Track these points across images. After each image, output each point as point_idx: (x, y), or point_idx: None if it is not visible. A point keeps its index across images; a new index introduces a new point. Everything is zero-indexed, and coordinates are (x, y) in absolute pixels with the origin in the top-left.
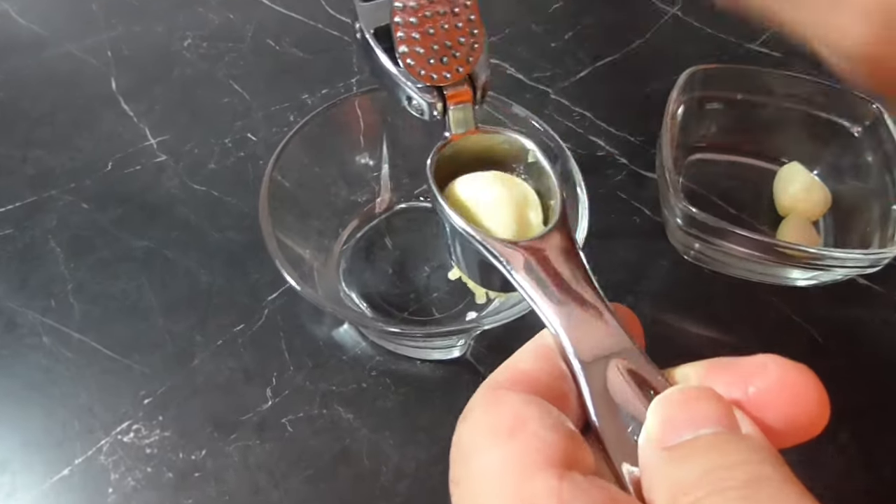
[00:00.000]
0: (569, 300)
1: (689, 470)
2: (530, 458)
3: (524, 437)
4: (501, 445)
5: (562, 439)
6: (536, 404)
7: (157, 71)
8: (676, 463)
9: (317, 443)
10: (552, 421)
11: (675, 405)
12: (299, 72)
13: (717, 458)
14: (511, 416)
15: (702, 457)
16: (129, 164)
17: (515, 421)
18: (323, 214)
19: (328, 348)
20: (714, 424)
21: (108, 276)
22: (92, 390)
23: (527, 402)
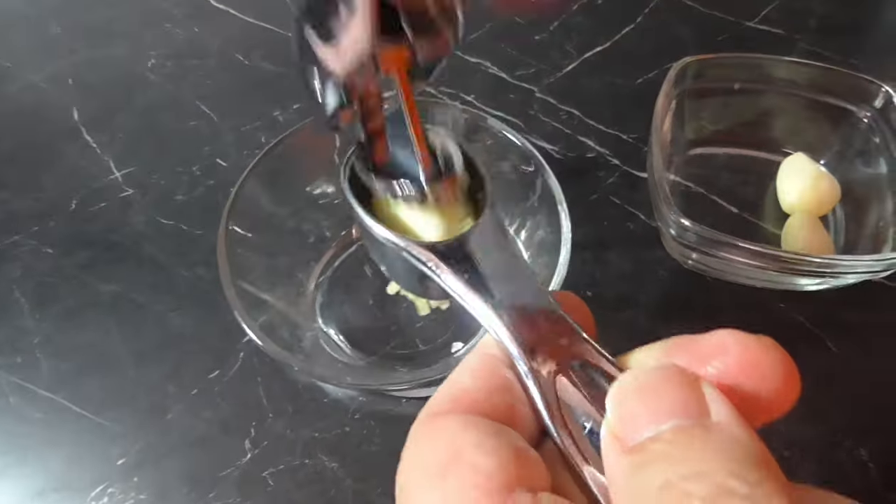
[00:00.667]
0: (507, 298)
1: (648, 480)
2: (468, 494)
3: (459, 471)
4: (437, 487)
5: (503, 463)
6: (474, 427)
7: (119, 97)
8: (636, 471)
9: (300, 496)
10: (492, 443)
11: (632, 395)
12: (270, 87)
13: (676, 465)
14: (444, 449)
15: (660, 463)
16: (95, 201)
17: (449, 454)
18: (292, 250)
19: (308, 391)
20: (677, 415)
21: (75, 326)
22: (64, 453)
23: (463, 426)
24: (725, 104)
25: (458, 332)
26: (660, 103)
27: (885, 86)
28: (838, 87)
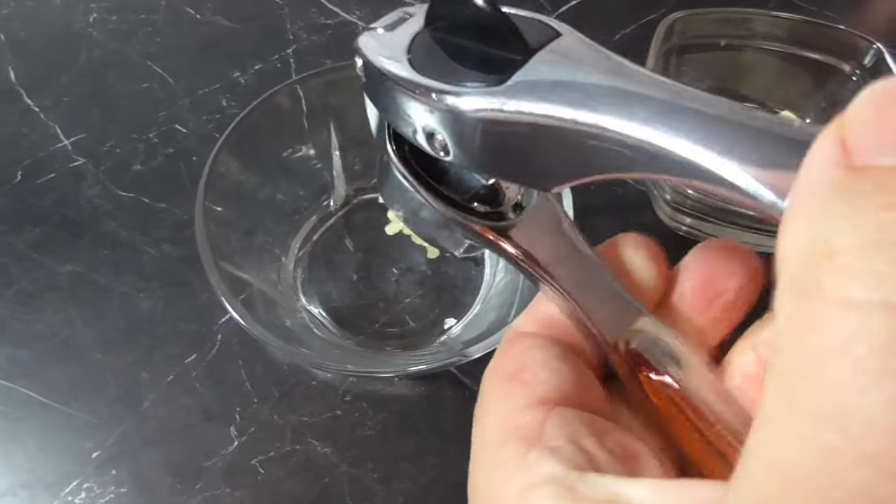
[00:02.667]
0: (576, 274)
1: (861, 206)
2: (524, 398)
3: (522, 379)
4: (504, 389)
5: (559, 380)
6: (543, 348)
7: (60, 56)
8: (853, 197)
9: (293, 485)
10: (554, 364)
11: (883, 101)
12: (226, 45)
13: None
14: (515, 361)
15: (884, 195)
16: (42, 171)
17: (518, 365)
18: (269, 225)
19: (294, 374)
20: None
21: (32, 310)
22: (30, 447)
23: (532, 346)
24: (709, 61)
25: (448, 307)
26: (649, 62)
27: (877, 43)
28: (827, 43)
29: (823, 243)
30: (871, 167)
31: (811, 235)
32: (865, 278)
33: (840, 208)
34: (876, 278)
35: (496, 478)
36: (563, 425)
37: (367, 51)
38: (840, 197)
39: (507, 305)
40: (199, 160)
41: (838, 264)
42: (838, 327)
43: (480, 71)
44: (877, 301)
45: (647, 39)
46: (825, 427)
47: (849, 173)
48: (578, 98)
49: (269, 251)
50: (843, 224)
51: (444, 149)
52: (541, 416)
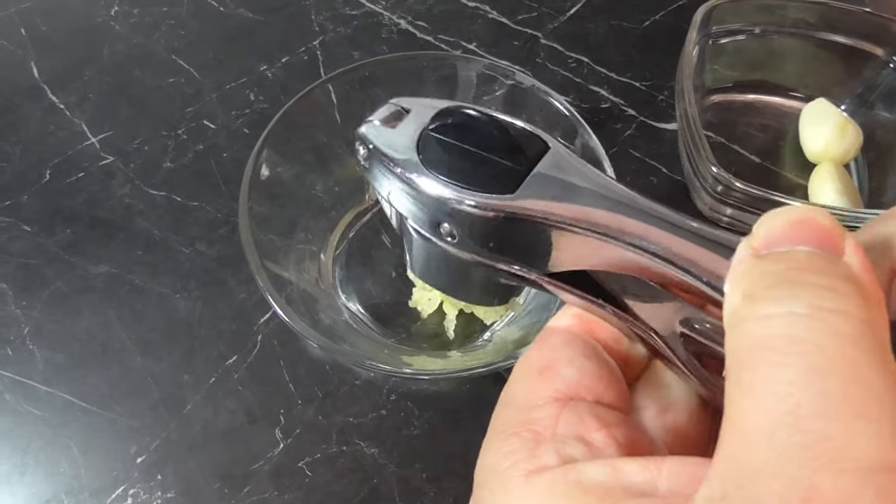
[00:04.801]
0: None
1: (768, 276)
2: (544, 391)
3: (548, 374)
4: (529, 381)
5: (583, 377)
6: (572, 345)
7: (83, 50)
8: (759, 266)
9: (341, 486)
10: (581, 361)
11: (780, 219)
12: (252, 37)
13: (797, 273)
14: (544, 357)
15: (783, 264)
16: (71, 170)
17: (548, 361)
18: (308, 222)
19: (337, 373)
20: (814, 244)
21: (68, 312)
22: (73, 453)
23: (562, 343)
24: (743, 48)
25: None
26: (687, 50)
27: None
28: (861, 28)
29: (743, 296)
30: (767, 253)
31: (738, 292)
32: (765, 305)
33: (751, 275)
34: (770, 305)
35: (504, 463)
36: (574, 420)
37: (377, 143)
38: (750, 269)
39: (550, 302)
40: (230, 156)
41: (749, 305)
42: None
43: (489, 177)
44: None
45: (675, 27)
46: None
47: (758, 256)
48: (574, 202)
49: (308, 249)
50: (757, 281)
51: (449, 235)
52: (556, 411)
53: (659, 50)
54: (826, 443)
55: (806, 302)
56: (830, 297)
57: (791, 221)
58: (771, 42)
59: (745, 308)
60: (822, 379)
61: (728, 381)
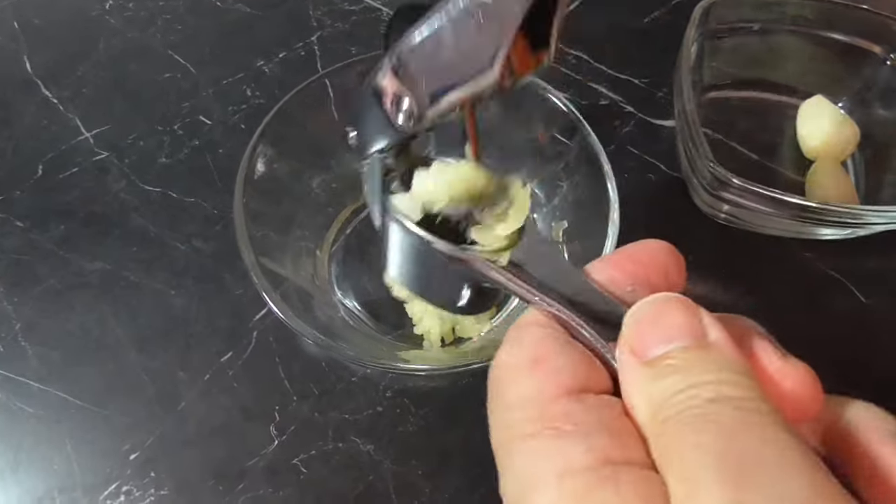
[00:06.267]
0: (571, 293)
1: (662, 389)
2: (551, 387)
3: (545, 368)
4: (526, 376)
5: (577, 366)
6: (553, 338)
7: (77, 45)
8: (651, 381)
9: (337, 483)
10: (569, 351)
11: (645, 319)
12: (249, 32)
13: (685, 377)
14: (533, 349)
15: (672, 376)
16: (64, 165)
17: (537, 354)
18: (304, 219)
19: (333, 370)
20: (682, 337)
21: (62, 308)
22: (67, 450)
23: (544, 336)
24: (741, 45)
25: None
26: (686, 47)
27: None
28: (859, 26)
29: (651, 415)
30: (649, 360)
31: (644, 409)
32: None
33: (648, 392)
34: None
35: (533, 468)
36: (591, 411)
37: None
38: (645, 385)
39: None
40: (226, 152)
41: (659, 426)
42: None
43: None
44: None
45: (674, 24)
46: None
47: (644, 365)
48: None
49: (304, 245)
50: (656, 398)
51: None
52: (570, 404)
53: (658, 47)
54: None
55: (703, 398)
56: (717, 391)
57: (656, 323)
58: (769, 39)
59: (657, 415)
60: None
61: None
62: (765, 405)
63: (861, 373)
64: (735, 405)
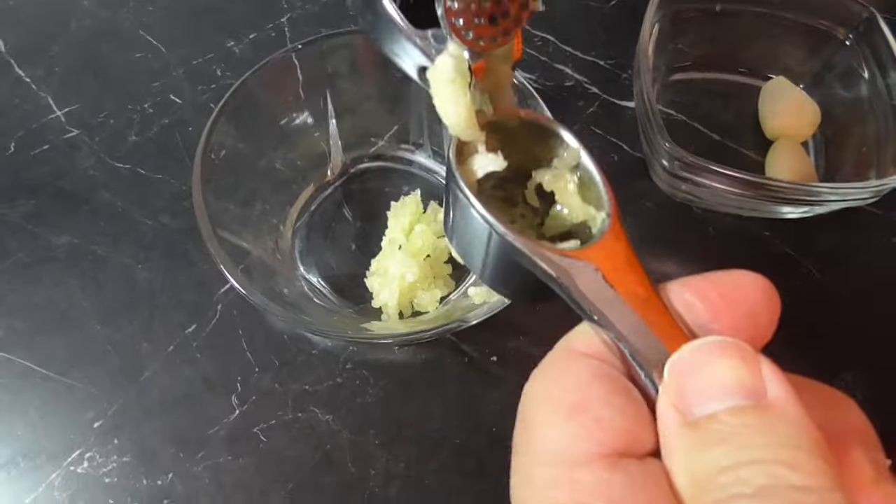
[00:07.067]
0: (633, 314)
1: (706, 462)
2: (586, 444)
3: (584, 419)
4: (561, 424)
5: (625, 422)
6: (605, 379)
7: (51, 25)
8: (696, 449)
9: (295, 452)
10: (619, 401)
11: (691, 369)
12: (220, 14)
13: (734, 451)
14: (576, 391)
15: (719, 446)
16: (35, 143)
17: (579, 398)
18: (267, 194)
19: (294, 343)
20: (735, 394)
21: (29, 281)
22: (32, 418)
23: (596, 375)
24: (704, 27)
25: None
26: (645, 28)
27: (870, 7)
28: (821, 8)
29: (692, 483)
30: (694, 420)
31: (685, 475)
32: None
33: (691, 458)
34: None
35: None
36: (628, 487)
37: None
38: (688, 451)
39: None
40: (196, 131)
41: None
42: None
43: None
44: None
45: (639, 7)
46: None
47: (688, 427)
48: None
49: (267, 220)
50: (699, 469)
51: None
52: (605, 474)
53: (624, 29)
54: None
55: (755, 484)
56: (772, 474)
57: (703, 374)
58: (731, 21)
59: (699, 496)
60: None
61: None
62: (836, 499)
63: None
64: (793, 499)
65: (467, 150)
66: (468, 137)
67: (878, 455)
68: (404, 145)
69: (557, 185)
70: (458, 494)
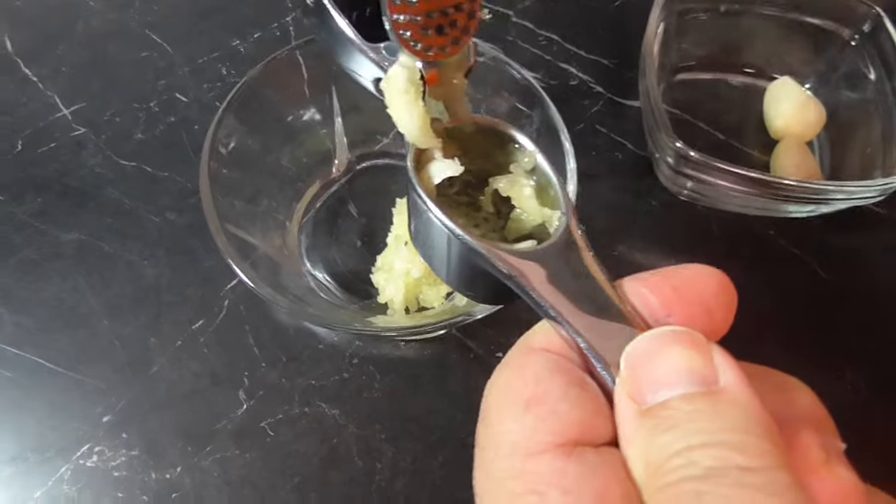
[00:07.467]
0: (589, 310)
1: (659, 447)
2: (542, 435)
3: (540, 411)
4: (518, 417)
5: (581, 413)
6: (562, 374)
7: (57, 25)
8: (649, 435)
9: (302, 446)
10: (575, 393)
11: (644, 358)
12: (225, 13)
13: (683, 434)
14: (533, 385)
15: (671, 432)
16: (42, 141)
17: (536, 391)
18: (273, 191)
19: (301, 338)
20: (686, 381)
21: (37, 278)
22: (41, 413)
23: (553, 370)
24: (709, 27)
25: None
26: (651, 27)
27: (876, 7)
28: (827, 8)
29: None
30: (648, 408)
31: (639, 461)
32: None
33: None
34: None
35: None
36: (585, 475)
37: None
38: (642, 437)
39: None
40: (201, 129)
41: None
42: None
43: None
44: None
45: (644, 7)
46: None
47: (642, 416)
48: None
49: (273, 217)
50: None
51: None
52: (560, 463)
53: (628, 28)
54: None
55: (703, 466)
56: (720, 456)
57: (656, 363)
58: (737, 21)
59: (652, 481)
60: None
61: None
62: (782, 478)
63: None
64: (739, 480)
65: (425, 156)
66: (425, 144)
67: (832, 440)
68: None
69: (513, 190)
70: (463, 489)
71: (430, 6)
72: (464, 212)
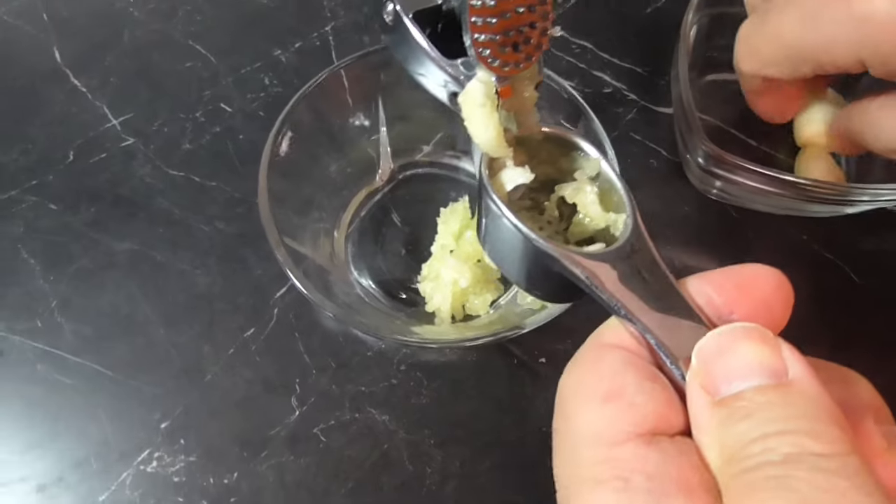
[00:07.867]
0: (658, 307)
1: (734, 436)
2: (623, 425)
3: (620, 403)
4: (597, 409)
5: (656, 405)
6: (635, 368)
7: (104, 36)
8: (724, 424)
9: (354, 451)
10: (649, 386)
11: (717, 352)
12: (266, 23)
13: (758, 423)
14: (609, 379)
15: (746, 421)
16: (93, 151)
17: (613, 385)
18: (322, 201)
19: (350, 345)
20: (758, 374)
21: (94, 286)
22: (102, 420)
23: (626, 365)
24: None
25: None
26: (685, 31)
27: None
28: None
29: (721, 457)
30: (721, 399)
31: (715, 451)
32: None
33: (721, 435)
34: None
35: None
36: (666, 461)
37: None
38: (717, 428)
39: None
40: (246, 138)
41: (731, 465)
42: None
43: None
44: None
45: (676, 13)
46: None
47: (716, 406)
48: None
49: (322, 226)
50: (728, 443)
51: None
52: (641, 450)
53: (661, 36)
54: None
55: (781, 452)
56: (796, 443)
57: (728, 357)
58: None
59: (728, 466)
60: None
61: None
62: (853, 462)
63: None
64: (816, 465)
65: (497, 165)
66: (497, 154)
67: (891, 427)
68: (450, 152)
69: (578, 197)
70: (511, 492)
71: (507, 25)
72: (528, 215)
